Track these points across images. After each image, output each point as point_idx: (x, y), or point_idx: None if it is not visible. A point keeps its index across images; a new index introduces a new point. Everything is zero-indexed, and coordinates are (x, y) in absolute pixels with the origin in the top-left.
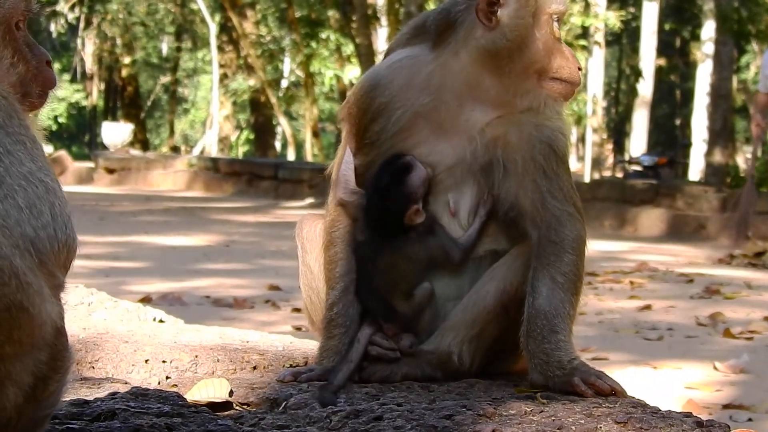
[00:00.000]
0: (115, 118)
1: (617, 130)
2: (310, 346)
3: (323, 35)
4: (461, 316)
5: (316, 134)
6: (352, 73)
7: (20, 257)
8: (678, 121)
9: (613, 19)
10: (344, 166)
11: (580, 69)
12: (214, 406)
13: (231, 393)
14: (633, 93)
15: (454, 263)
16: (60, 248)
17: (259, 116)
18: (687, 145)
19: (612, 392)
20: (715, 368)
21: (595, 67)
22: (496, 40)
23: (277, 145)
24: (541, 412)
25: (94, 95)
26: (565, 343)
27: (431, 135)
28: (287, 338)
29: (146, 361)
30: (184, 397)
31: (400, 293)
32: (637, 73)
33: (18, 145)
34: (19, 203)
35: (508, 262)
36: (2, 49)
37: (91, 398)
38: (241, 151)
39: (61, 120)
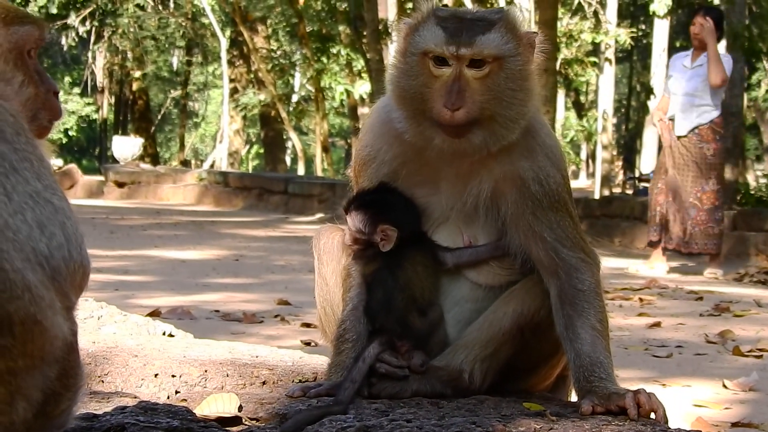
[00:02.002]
0: (125, 132)
1: (627, 146)
2: (319, 362)
3: (334, 50)
4: (476, 335)
5: (326, 149)
6: (363, 88)
7: (32, 271)
8: None
9: (624, 36)
10: None
11: (457, 108)
12: (223, 421)
13: (240, 408)
14: (643, 110)
15: (447, 266)
16: (75, 269)
17: (269, 131)
18: None
19: (651, 412)
20: (725, 386)
21: (606, 84)
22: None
23: (287, 159)
24: (551, 429)
25: (105, 109)
26: (616, 386)
27: (419, 180)
28: (297, 353)
29: (156, 375)
30: (194, 411)
31: (416, 310)
32: (648, 90)
33: (25, 163)
34: (28, 221)
35: (527, 286)
36: (13, 72)
37: (100, 412)
38: (251, 165)
39: (71, 133)
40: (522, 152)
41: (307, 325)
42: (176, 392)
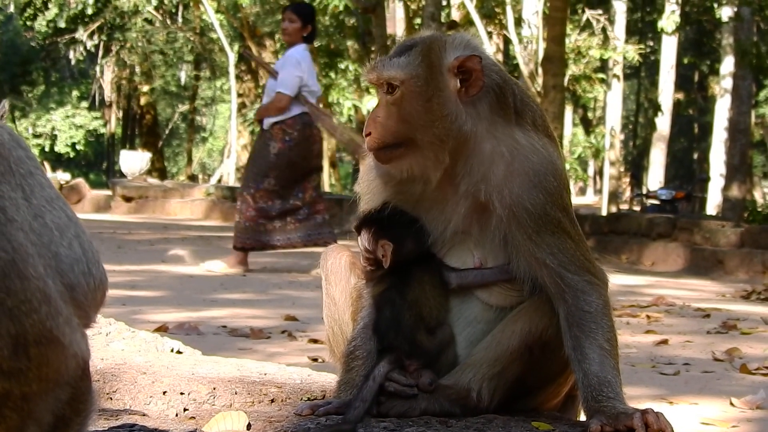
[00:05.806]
0: (133, 146)
1: (635, 163)
2: (328, 379)
3: (342, 65)
4: (484, 353)
5: (333, 165)
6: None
7: (52, 279)
8: (696, 156)
9: (632, 52)
10: None
11: (368, 134)
12: None
13: (249, 426)
14: (651, 127)
15: (451, 286)
16: (96, 285)
17: None
18: (705, 180)
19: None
20: (732, 404)
21: (614, 100)
22: None
23: None
24: None
25: (113, 123)
26: (624, 405)
27: (414, 206)
28: (305, 371)
29: (164, 392)
30: (202, 429)
31: (424, 329)
32: (656, 107)
33: (38, 170)
34: (48, 224)
35: (535, 304)
36: None
37: (108, 430)
38: None
39: (79, 147)
40: (481, 177)
41: (315, 342)
42: (185, 410)
